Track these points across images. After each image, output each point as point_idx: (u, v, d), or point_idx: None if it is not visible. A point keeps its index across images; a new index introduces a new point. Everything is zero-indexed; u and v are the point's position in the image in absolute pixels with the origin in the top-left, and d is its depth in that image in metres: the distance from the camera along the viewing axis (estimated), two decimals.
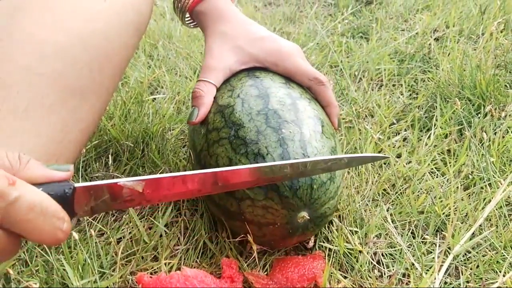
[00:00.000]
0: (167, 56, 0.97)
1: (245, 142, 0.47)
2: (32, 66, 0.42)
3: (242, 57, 0.55)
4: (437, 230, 0.56)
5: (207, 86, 0.53)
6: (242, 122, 0.48)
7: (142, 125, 0.71)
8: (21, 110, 0.41)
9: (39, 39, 0.42)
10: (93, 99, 0.46)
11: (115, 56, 0.48)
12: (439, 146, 0.69)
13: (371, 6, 1.21)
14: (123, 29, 0.48)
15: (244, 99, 0.51)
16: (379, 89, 0.87)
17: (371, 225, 0.55)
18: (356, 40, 1.06)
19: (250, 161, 0.46)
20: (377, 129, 0.72)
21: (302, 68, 0.54)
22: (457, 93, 0.78)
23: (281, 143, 0.46)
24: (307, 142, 0.47)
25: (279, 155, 0.45)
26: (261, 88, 0.52)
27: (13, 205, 0.29)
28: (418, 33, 1.04)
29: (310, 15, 1.19)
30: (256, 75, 0.54)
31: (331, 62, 0.95)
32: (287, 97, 0.51)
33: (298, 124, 0.48)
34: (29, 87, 0.41)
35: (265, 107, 0.49)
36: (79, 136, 0.46)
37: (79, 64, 0.44)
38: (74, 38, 0.44)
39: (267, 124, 0.47)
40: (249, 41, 0.55)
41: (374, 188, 0.61)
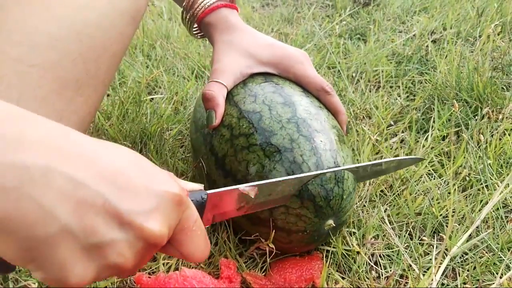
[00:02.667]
0: (165, 56, 0.97)
1: (278, 150, 0.48)
2: (23, 57, 0.41)
3: (253, 61, 0.55)
4: (435, 231, 0.56)
5: (217, 86, 0.53)
6: (273, 129, 0.49)
7: (140, 125, 0.71)
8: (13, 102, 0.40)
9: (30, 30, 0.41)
10: (88, 90, 0.46)
11: (110, 46, 0.47)
12: (437, 148, 0.69)
13: (368, 7, 1.22)
14: (117, 18, 0.47)
15: (270, 106, 0.51)
16: (377, 90, 0.87)
17: (368, 227, 0.55)
18: (353, 42, 1.06)
19: (285, 168, 0.47)
20: (375, 131, 0.73)
21: (311, 76, 0.55)
22: (454, 95, 0.78)
23: (315, 152, 0.47)
24: (336, 151, 0.49)
25: (313, 164, 0.47)
26: (284, 96, 0.53)
27: (186, 213, 0.31)
28: (415, 35, 1.04)
29: (308, 16, 1.20)
30: (275, 82, 0.55)
31: (329, 63, 0.95)
32: (311, 106, 0.53)
33: (325, 134, 0.50)
34: (21, 78, 0.41)
35: (293, 115, 0.50)
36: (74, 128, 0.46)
37: (72, 55, 0.43)
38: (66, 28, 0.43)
39: (299, 133, 0.48)
40: (258, 47, 0.56)
41: (372, 189, 0.61)
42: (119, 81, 0.87)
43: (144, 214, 0.28)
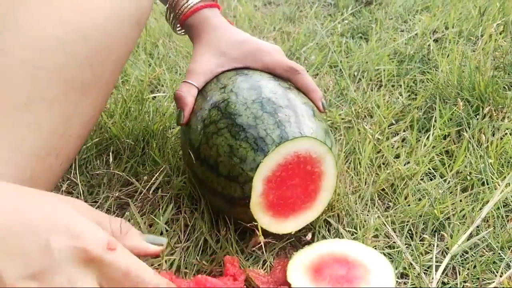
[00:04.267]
0: (167, 54, 0.97)
1: (243, 128, 0.50)
2: (32, 60, 0.42)
3: (224, 59, 0.58)
4: (435, 230, 0.57)
5: (186, 86, 0.57)
6: (238, 111, 0.51)
7: (142, 123, 0.71)
8: (22, 104, 0.41)
9: (39, 33, 0.42)
10: (94, 93, 0.47)
11: (115, 50, 0.48)
12: (438, 147, 0.69)
13: (370, 6, 1.22)
14: (123, 23, 0.48)
15: (237, 92, 0.54)
16: (378, 89, 0.88)
17: (369, 226, 0.55)
18: (355, 41, 1.06)
19: (250, 145, 0.49)
20: (376, 130, 0.73)
21: (278, 60, 0.58)
22: (456, 95, 0.78)
23: (279, 125, 0.49)
24: (302, 122, 0.50)
25: (278, 136, 0.49)
26: (251, 82, 0.55)
27: (108, 269, 0.31)
28: (417, 34, 1.04)
29: (310, 15, 1.20)
30: (244, 73, 0.58)
31: (331, 62, 0.96)
32: (278, 87, 0.55)
33: (291, 108, 0.51)
34: (30, 80, 0.41)
35: (259, 96, 0.53)
36: (80, 130, 0.47)
37: (79, 58, 0.44)
38: (73, 32, 0.44)
39: (263, 110, 0.51)
40: (230, 44, 0.58)
41: (372, 189, 0.61)
42: (122, 79, 0.88)
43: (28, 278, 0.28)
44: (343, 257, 0.48)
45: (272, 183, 0.49)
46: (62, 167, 0.46)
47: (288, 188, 0.50)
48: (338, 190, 0.60)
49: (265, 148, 0.48)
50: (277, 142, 0.48)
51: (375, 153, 0.68)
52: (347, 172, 0.64)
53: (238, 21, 1.18)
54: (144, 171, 0.64)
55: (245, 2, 1.31)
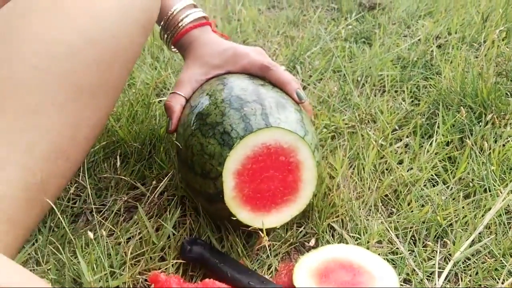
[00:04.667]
0: (172, 58, 0.98)
1: (212, 126, 0.52)
2: (42, 66, 0.43)
3: (207, 68, 0.62)
4: (438, 237, 0.57)
5: (174, 97, 0.60)
6: (209, 111, 0.54)
7: (149, 126, 0.72)
8: (32, 108, 0.42)
9: (48, 39, 0.43)
10: (102, 96, 0.48)
11: (123, 54, 0.49)
12: (441, 153, 0.70)
13: (373, 11, 1.22)
14: (130, 27, 0.49)
15: (211, 94, 0.57)
16: (382, 94, 0.88)
17: (372, 232, 0.56)
18: (359, 45, 1.07)
19: (217, 140, 0.51)
20: (380, 135, 0.74)
21: (253, 61, 0.60)
22: (459, 101, 0.79)
23: (244, 119, 0.51)
24: (269, 114, 0.52)
25: (242, 129, 0.50)
26: (225, 83, 0.58)
27: None
28: (420, 39, 1.05)
29: (314, 19, 1.21)
30: (224, 77, 0.61)
31: (334, 67, 0.96)
32: (250, 85, 0.57)
33: (259, 102, 0.53)
34: (40, 85, 0.42)
35: (228, 95, 0.55)
36: (88, 132, 0.48)
37: (87, 62, 0.45)
38: (82, 37, 0.45)
39: (230, 107, 0.53)
40: (212, 54, 0.62)
41: (376, 194, 0.62)
42: (128, 82, 0.88)
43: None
44: (348, 263, 0.49)
45: (244, 177, 0.50)
46: (71, 169, 0.47)
47: (263, 181, 0.51)
48: (342, 195, 0.61)
49: (230, 142, 0.50)
50: (241, 135, 0.50)
51: (379, 159, 0.69)
52: (351, 177, 0.65)
53: (242, 25, 1.19)
54: (151, 174, 0.64)
55: (249, 5, 1.32)
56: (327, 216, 0.59)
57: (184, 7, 0.64)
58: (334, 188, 0.63)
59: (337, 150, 0.70)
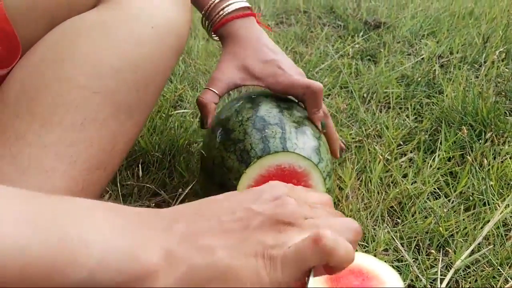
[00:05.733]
0: (186, 71, 1.03)
1: (234, 142, 0.56)
2: (89, 85, 0.47)
3: (247, 75, 0.61)
4: (440, 246, 0.61)
5: (209, 93, 0.60)
6: (234, 127, 0.57)
7: (168, 137, 0.76)
8: (78, 124, 0.47)
9: (96, 61, 0.48)
10: (138, 114, 0.52)
11: (158, 77, 0.53)
12: (443, 168, 0.75)
13: (379, 30, 1.28)
14: (165, 52, 0.53)
15: (239, 111, 0.60)
16: (387, 111, 0.93)
17: (379, 241, 0.60)
18: (364, 63, 1.12)
19: (237, 156, 0.55)
20: (386, 150, 0.78)
21: (295, 81, 0.60)
22: (460, 119, 0.84)
23: (263, 140, 0.55)
24: (287, 139, 0.55)
25: (260, 149, 0.54)
26: (253, 101, 0.61)
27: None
28: (424, 58, 1.10)
29: (321, 37, 1.26)
30: (254, 95, 0.63)
31: (341, 83, 1.01)
32: (275, 107, 0.60)
33: (280, 126, 0.56)
34: (86, 103, 0.47)
35: (253, 114, 0.58)
36: (124, 146, 0.52)
37: (128, 84, 0.50)
38: (125, 61, 0.49)
39: (253, 127, 0.56)
40: (255, 62, 0.61)
41: (382, 206, 0.66)
42: None
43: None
44: (357, 269, 0.53)
45: None
46: (107, 178, 0.51)
47: None
48: (351, 206, 0.65)
49: (248, 160, 0.54)
50: (258, 155, 0.54)
51: (385, 172, 0.74)
52: (359, 189, 0.70)
53: None
54: (172, 182, 0.69)
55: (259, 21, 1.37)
56: None
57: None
58: (343, 199, 0.67)
59: (346, 163, 0.74)
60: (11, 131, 0.45)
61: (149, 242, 0.30)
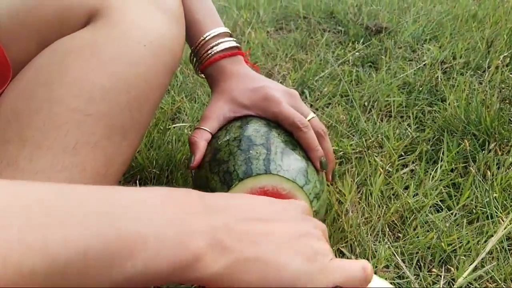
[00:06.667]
0: (184, 82, 1.02)
1: (219, 163, 0.55)
2: (80, 108, 0.46)
3: (236, 106, 0.61)
4: (443, 262, 0.60)
5: (200, 132, 0.60)
6: (220, 147, 0.57)
7: (166, 151, 0.75)
8: (70, 148, 0.46)
9: (87, 83, 0.47)
10: (132, 134, 0.51)
11: (152, 95, 0.52)
12: (445, 179, 0.73)
13: (380, 35, 1.26)
14: (159, 70, 0.52)
15: (228, 130, 0.59)
16: (388, 120, 0.92)
17: (380, 257, 0.59)
18: (365, 70, 1.10)
19: (220, 178, 0.54)
20: (387, 162, 0.77)
21: (284, 113, 0.58)
22: (463, 128, 0.82)
23: (247, 162, 0.53)
24: (271, 160, 0.53)
25: (243, 171, 0.53)
26: (244, 122, 0.59)
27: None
28: (426, 64, 1.08)
29: (322, 43, 1.25)
30: (247, 118, 0.61)
31: (342, 92, 1.00)
32: (263, 126, 0.58)
33: (266, 147, 0.55)
34: (78, 127, 0.46)
35: (241, 134, 0.57)
36: (119, 167, 0.51)
37: (121, 104, 0.49)
38: (118, 82, 0.48)
39: (238, 147, 0.55)
40: (242, 93, 0.61)
41: (383, 220, 0.65)
42: None
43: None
44: None
45: None
46: None
47: None
48: (351, 221, 0.64)
49: (230, 182, 0.52)
50: (240, 177, 0.52)
51: (385, 185, 0.72)
52: (359, 203, 0.68)
53: (252, 48, 1.23)
54: None
55: (258, 28, 1.36)
56: (336, 241, 0.62)
57: (217, 35, 0.63)
58: (343, 214, 0.66)
59: (345, 176, 0.73)
60: (2, 156, 0.44)
61: (197, 229, 0.32)
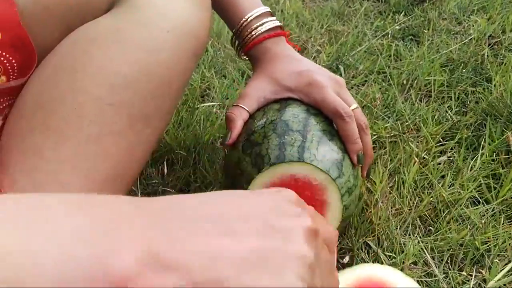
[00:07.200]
0: (215, 56, 1.00)
1: (252, 145, 0.53)
2: (103, 97, 0.46)
3: (278, 88, 0.58)
4: (475, 262, 0.57)
5: (239, 110, 0.58)
6: (256, 129, 0.55)
7: (194, 132, 0.75)
8: (94, 137, 0.46)
9: (109, 71, 0.46)
10: (155, 122, 0.51)
11: (175, 82, 0.51)
12: (485, 170, 0.69)
13: (423, 5, 1.18)
14: (182, 56, 0.51)
15: (266, 112, 0.57)
16: (428, 101, 0.87)
17: (408, 252, 0.57)
18: (406, 44, 1.04)
19: (251, 159, 0.52)
20: (423, 148, 0.73)
21: (327, 100, 0.56)
22: (508, 114, 0.77)
23: (280, 147, 0.52)
24: (306, 148, 0.51)
25: (275, 156, 0.51)
26: (283, 105, 0.57)
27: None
28: (472, 38, 1.01)
29: (360, 13, 1.18)
30: (286, 101, 0.58)
31: (379, 68, 0.95)
32: (302, 112, 0.56)
33: (302, 134, 0.53)
34: (100, 116, 0.46)
35: (278, 117, 0.55)
36: (143, 154, 0.51)
37: (143, 93, 0.48)
38: (140, 69, 0.47)
39: (274, 131, 0.53)
40: (286, 75, 0.58)
41: (414, 214, 0.63)
42: None
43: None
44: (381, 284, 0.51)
45: None
46: (126, 188, 0.50)
47: None
48: (380, 213, 0.62)
49: (261, 165, 0.51)
50: (272, 162, 0.51)
51: (420, 174, 0.69)
52: (390, 193, 0.66)
53: (286, 19, 1.18)
54: (194, 182, 0.68)
55: None
56: (363, 233, 0.60)
57: (259, 15, 0.60)
58: (372, 205, 0.64)
59: (378, 163, 0.70)
60: (27, 144, 0.45)
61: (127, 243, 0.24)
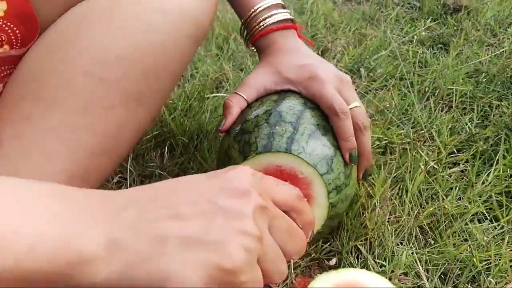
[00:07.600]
0: (237, 50, 1.00)
1: (243, 132, 0.53)
2: (94, 71, 0.46)
3: (279, 79, 0.57)
4: (471, 279, 0.54)
5: (237, 98, 0.57)
6: (250, 117, 0.54)
7: (200, 121, 0.75)
8: (81, 109, 0.46)
9: (101, 47, 0.47)
10: (149, 102, 0.51)
11: (171, 65, 0.51)
12: (499, 186, 0.65)
13: (458, 14, 1.13)
14: (181, 41, 0.50)
15: (263, 102, 0.56)
16: (448, 111, 0.83)
17: (400, 262, 0.54)
18: (434, 52, 1.00)
19: (239, 147, 0.52)
20: (434, 157, 0.69)
21: (325, 94, 0.54)
22: None
23: (269, 136, 0.51)
24: (295, 140, 0.50)
25: (262, 145, 0.50)
26: (281, 97, 0.56)
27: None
28: (505, 51, 0.95)
29: (391, 18, 1.14)
30: (285, 93, 0.57)
31: (401, 74, 0.91)
32: (299, 105, 0.55)
33: (294, 126, 0.52)
34: (90, 90, 0.47)
35: (273, 108, 0.54)
36: (133, 134, 0.51)
37: (135, 72, 0.48)
38: (133, 48, 0.47)
39: (266, 121, 0.53)
40: (288, 67, 0.57)
41: (413, 223, 0.59)
42: (191, 72, 0.92)
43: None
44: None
45: None
46: (112, 166, 0.51)
47: None
48: (376, 218, 0.60)
49: (247, 153, 0.50)
50: (259, 151, 0.50)
51: (426, 184, 0.66)
52: (390, 200, 0.63)
53: (314, 19, 1.17)
54: (191, 170, 0.68)
55: None
56: (355, 237, 0.58)
57: (269, 6, 0.58)
58: (369, 209, 0.61)
59: (382, 168, 0.67)
60: (17, 111, 0.46)
61: (91, 230, 0.29)
